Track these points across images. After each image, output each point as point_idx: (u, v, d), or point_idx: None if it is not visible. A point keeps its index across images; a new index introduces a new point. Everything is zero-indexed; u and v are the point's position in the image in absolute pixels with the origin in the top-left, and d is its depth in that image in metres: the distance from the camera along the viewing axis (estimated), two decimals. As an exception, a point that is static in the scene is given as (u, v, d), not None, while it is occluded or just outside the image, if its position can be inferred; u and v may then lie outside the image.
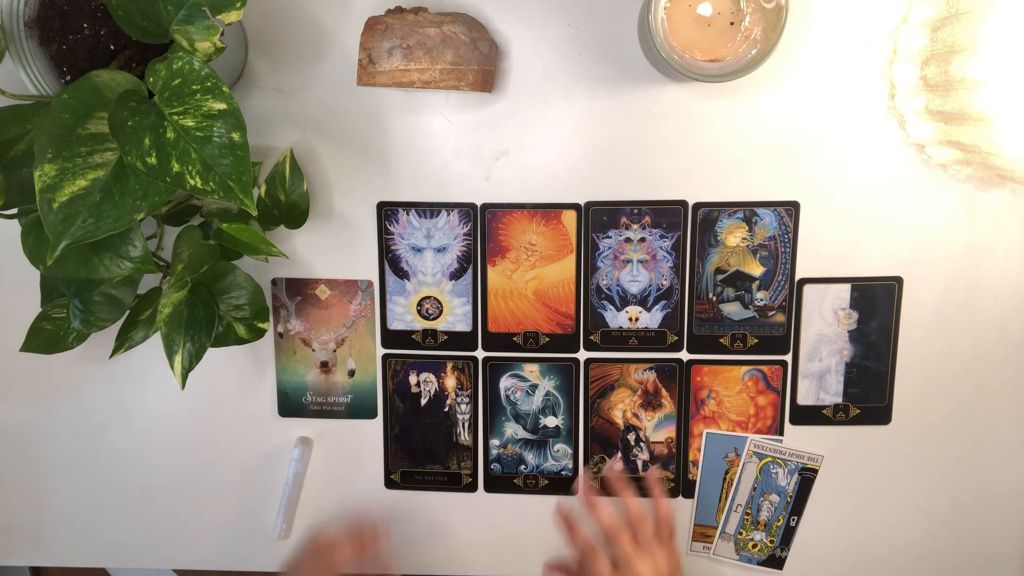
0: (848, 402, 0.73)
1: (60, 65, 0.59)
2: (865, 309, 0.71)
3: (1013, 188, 0.68)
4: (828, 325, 0.72)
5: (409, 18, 0.62)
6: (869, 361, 0.72)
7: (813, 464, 0.74)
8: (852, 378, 0.72)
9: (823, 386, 0.73)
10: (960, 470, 0.74)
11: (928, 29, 0.61)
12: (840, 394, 0.72)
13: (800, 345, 0.72)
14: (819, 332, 0.72)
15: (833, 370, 0.72)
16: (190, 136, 0.50)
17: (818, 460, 0.74)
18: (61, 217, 0.50)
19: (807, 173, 0.69)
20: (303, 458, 0.76)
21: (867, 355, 0.72)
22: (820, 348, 0.72)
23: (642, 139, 0.69)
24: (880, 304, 0.71)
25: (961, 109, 0.57)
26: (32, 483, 0.80)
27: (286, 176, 0.68)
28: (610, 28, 0.67)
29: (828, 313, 0.71)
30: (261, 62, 0.69)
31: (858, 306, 0.71)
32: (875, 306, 0.71)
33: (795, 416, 0.73)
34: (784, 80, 0.67)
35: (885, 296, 0.71)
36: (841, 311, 0.71)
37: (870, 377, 0.72)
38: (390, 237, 0.72)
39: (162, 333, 0.62)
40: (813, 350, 0.72)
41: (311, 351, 0.75)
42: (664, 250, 0.71)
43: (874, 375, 0.72)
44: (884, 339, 0.72)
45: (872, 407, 0.73)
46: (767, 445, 0.74)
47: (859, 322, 0.71)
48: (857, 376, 0.72)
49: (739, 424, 0.74)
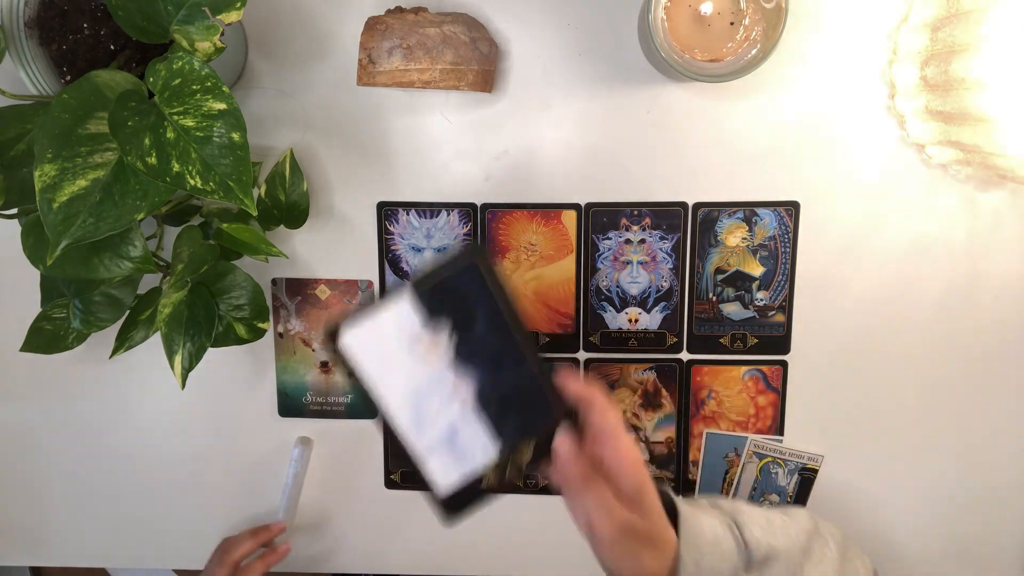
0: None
1: (60, 65, 0.59)
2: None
3: (1013, 188, 0.68)
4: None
5: (409, 18, 0.62)
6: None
7: (813, 464, 0.74)
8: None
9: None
10: (961, 470, 0.73)
11: (928, 29, 0.61)
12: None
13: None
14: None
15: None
16: (190, 136, 0.50)
17: (818, 460, 0.74)
18: (61, 217, 0.50)
19: (807, 173, 0.69)
20: (303, 458, 0.76)
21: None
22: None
23: (642, 139, 0.69)
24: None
25: (961, 109, 0.57)
26: (32, 483, 0.80)
27: (286, 176, 0.68)
28: (610, 28, 0.67)
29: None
30: (261, 62, 0.69)
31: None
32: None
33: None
34: (784, 80, 0.67)
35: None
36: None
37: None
38: (390, 237, 0.72)
39: (162, 333, 0.62)
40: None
41: (311, 351, 0.75)
42: (664, 252, 0.71)
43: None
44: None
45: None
46: (767, 445, 0.74)
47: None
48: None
49: (739, 424, 0.74)
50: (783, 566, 0.54)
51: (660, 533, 0.51)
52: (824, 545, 0.58)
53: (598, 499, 0.49)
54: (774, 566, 0.54)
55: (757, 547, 0.54)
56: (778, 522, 0.57)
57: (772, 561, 0.54)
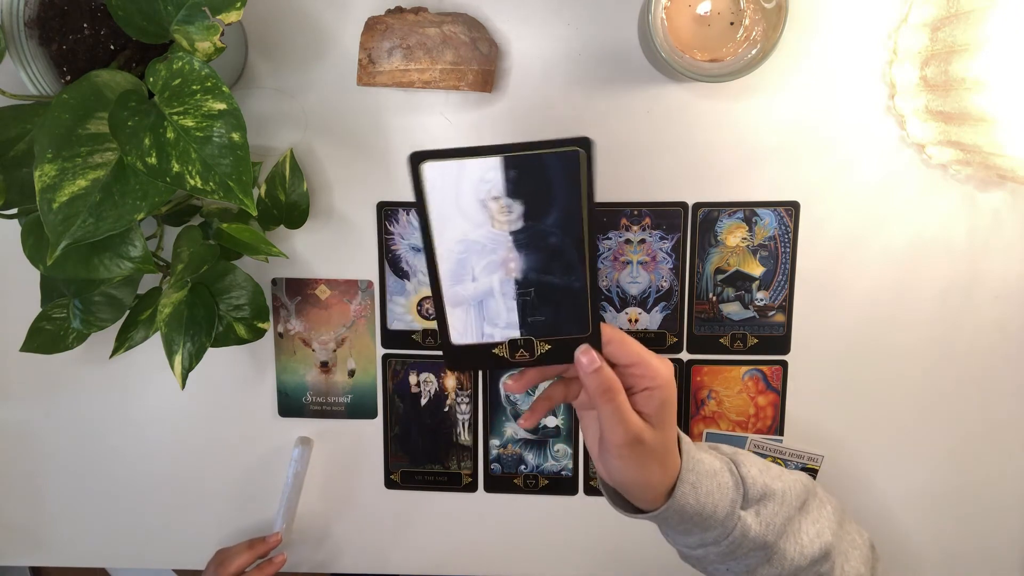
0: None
1: (60, 65, 0.59)
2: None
3: (1013, 188, 0.68)
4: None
5: (409, 18, 0.62)
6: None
7: (813, 464, 0.74)
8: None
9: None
10: (961, 470, 0.73)
11: (928, 29, 0.61)
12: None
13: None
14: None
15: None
16: (190, 136, 0.50)
17: (818, 460, 0.74)
18: (61, 217, 0.50)
19: (807, 173, 0.69)
20: (303, 458, 0.75)
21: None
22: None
23: (642, 139, 0.69)
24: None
25: (961, 109, 0.57)
26: (32, 483, 0.80)
27: (286, 176, 0.68)
28: (610, 28, 0.67)
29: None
30: (261, 62, 0.69)
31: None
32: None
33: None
34: (784, 80, 0.67)
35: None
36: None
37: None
38: (390, 237, 0.72)
39: (162, 333, 0.62)
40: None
41: (311, 351, 0.75)
42: (664, 252, 0.71)
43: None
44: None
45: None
46: (767, 445, 0.74)
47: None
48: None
49: (739, 424, 0.74)
50: (779, 507, 0.55)
51: (670, 450, 0.53)
52: (821, 506, 0.59)
53: (614, 409, 0.50)
54: (769, 504, 0.55)
55: (753, 484, 0.55)
56: (776, 469, 0.58)
57: (767, 500, 0.55)
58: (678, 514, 0.52)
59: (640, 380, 0.52)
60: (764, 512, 0.55)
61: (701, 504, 0.52)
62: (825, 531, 0.57)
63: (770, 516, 0.55)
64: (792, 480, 0.58)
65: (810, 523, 0.57)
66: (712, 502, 0.53)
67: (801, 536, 0.56)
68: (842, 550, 0.57)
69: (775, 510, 0.55)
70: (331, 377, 0.76)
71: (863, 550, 0.59)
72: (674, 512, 0.52)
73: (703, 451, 0.56)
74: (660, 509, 0.53)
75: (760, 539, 0.54)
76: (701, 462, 0.54)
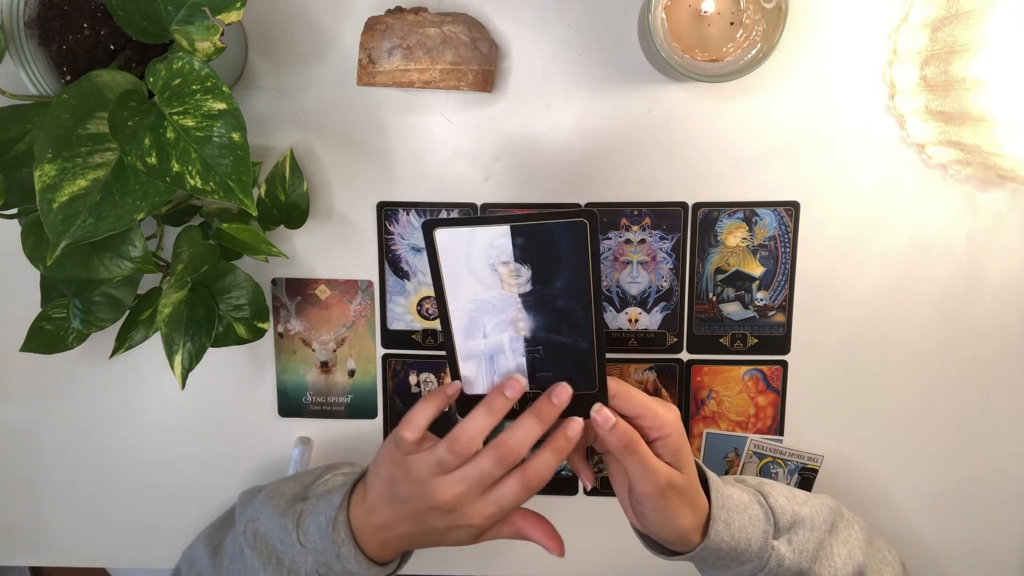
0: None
1: (60, 65, 0.59)
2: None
3: (1013, 188, 0.68)
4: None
5: (409, 18, 0.62)
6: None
7: (813, 464, 0.74)
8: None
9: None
10: (962, 470, 0.73)
11: (928, 29, 0.61)
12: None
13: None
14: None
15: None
16: (190, 136, 0.50)
17: (818, 460, 0.74)
18: (61, 217, 0.50)
19: (807, 173, 0.69)
20: (303, 458, 0.75)
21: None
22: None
23: (642, 139, 0.69)
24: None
25: (961, 109, 0.57)
26: (32, 483, 0.80)
27: (286, 176, 0.68)
28: (610, 28, 0.67)
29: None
30: (261, 62, 0.69)
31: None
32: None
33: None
34: (784, 80, 0.67)
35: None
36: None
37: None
38: (390, 237, 0.72)
39: (162, 333, 0.62)
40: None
41: (311, 351, 0.75)
42: (664, 252, 0.71)
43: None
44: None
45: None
46: (767, 445, 0.74)
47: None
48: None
49: (739, 424, 0.74)
50: (809, 532, 0.55)
51: (696, 489, 0.53)
52: (849, 527, 0.59)
53: (640, 461, 0.51)
54: (800, 531, 0.55)
55: (782, 513, 0.56)
56: (801, 495, 0.59)
57: (798, 527, 0.56)
58: (714, 552, 0.53)
59: (649, 431, 0.52)
60: (796, 540, 0.55)
61: (736, 540, 0.53)
62: (856, 551, 0.57)
63: (802, 543, 0.55)
64: (819, 504, 0.58)
65: (840, 544, 0.57)
66: (746, 536, 0.53)
67: (834, 559, 0.56)
68: (875, 568, 0.58)
69: (806, 536, 0.55)
70: (331, 377, 0.76)
71: (894, 566, 0.59)
72: (711, 551, 0.53)
73: (730, 485, 0.56)
74: (696, 550, 0.53)
75: (795, 567, 0.54)
76: (730, 498, 0.54)
